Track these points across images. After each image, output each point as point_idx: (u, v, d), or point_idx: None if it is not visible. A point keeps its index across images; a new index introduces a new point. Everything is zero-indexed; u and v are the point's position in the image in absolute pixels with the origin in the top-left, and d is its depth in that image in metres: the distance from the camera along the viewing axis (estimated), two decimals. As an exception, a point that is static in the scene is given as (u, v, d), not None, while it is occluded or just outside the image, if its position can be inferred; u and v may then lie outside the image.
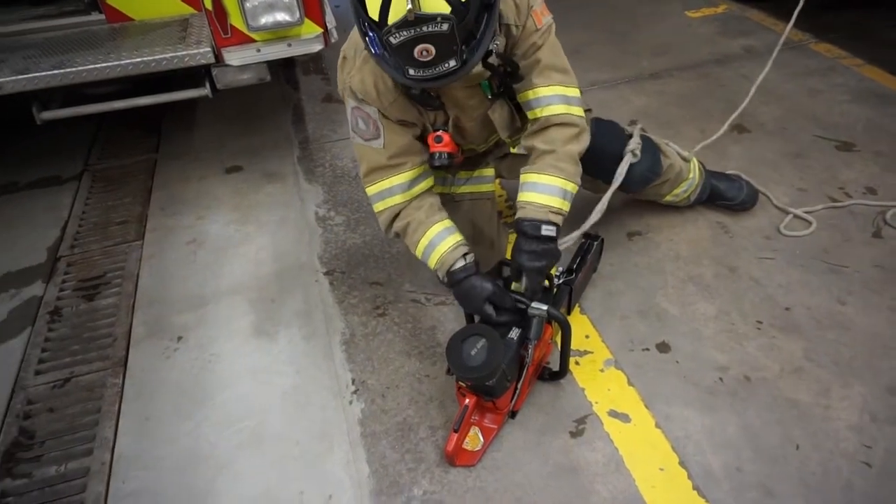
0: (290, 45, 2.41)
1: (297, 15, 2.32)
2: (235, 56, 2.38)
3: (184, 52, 2.27)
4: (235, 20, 2.30)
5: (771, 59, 2.50)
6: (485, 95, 1.71)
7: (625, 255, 2.23)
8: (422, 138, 1.78)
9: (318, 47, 2.45)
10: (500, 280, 1.83)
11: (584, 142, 1.73)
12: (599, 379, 1.85)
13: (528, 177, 1.70)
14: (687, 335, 1.95)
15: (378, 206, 1.78)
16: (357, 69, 1.63)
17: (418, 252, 1.75)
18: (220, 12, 2.28)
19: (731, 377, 1.82)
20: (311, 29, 2.40)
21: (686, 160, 2.18)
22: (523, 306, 1.66)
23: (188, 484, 1.68)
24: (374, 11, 1.32)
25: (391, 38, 1.30)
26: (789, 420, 1.70)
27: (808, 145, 2.72)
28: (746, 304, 2.04)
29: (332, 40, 2.48)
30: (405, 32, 1.29)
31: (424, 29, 1.28)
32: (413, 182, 1.75)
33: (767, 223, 2.33)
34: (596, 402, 1.79)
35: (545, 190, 1.66)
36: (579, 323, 2.01)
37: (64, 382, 1.98)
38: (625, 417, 1.74)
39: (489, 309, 1.66)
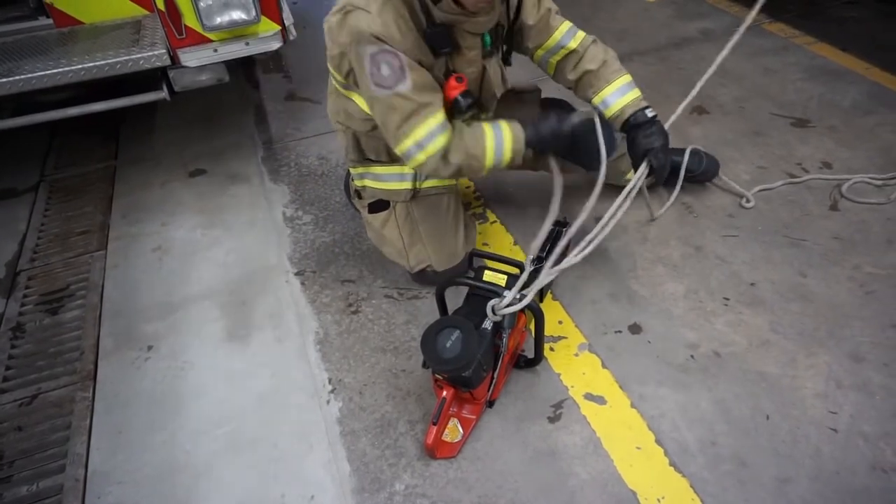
0: (247, 43, 2.37)
1: (254, 13, 2.27)
2: (192, 57, 2.33)
3: (138, 55, 2.21)
4: (190, 20, 2.25)
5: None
6: (482, 48, 1.76)
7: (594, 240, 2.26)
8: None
9: (276, 45, 2.41)
10: (472, 272, 1.84)
11: (607, 46, 1.96)
12: (574, 363, 1.87)
13: (604, 92, 1.88)
14: (657, 315, 1.99)
15: (419, 157, 1.68)
16: (377, 14, 1.57)
17: (489, 162, 1.75)
18: (173, 13, 2.23)
19: (702, 354, 1.86)
20: (268, 27, 2.36)
21: None
22: (497, 298, 1.67)
23: (166, 495, 1.66)
24: None
25: None
26: (759, 392, 1.75)
27: (765, 123, 2.79)
28: (713, 281, 2.08)
29: (291, 37, 2.45)
30: None
31: None
32: (445, 121, 1.68)
33: (730, 201, 2.38)
34: (572, 387, 1.81)
35: (626, 90, 1.88)
36: (552, 309, 2.03)
37: (31, 399, 1.92)
38: (600, 400, 1.77)
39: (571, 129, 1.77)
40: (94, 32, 2.37)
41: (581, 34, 1.91)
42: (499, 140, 1.74)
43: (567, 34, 1.89)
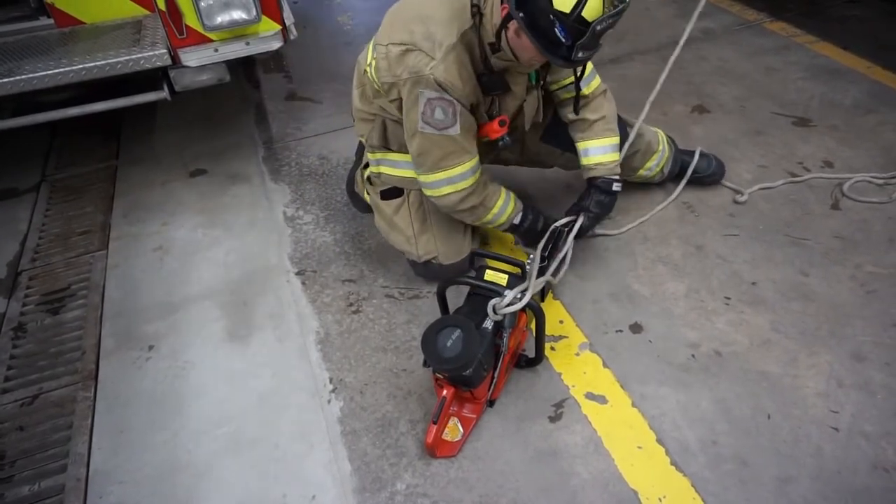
0: (248, 43, 2.37)
1: (254, 12, 2.27)
2: (192, 57, 2.33)
3: (139, 55, 2.21)
4: (190, 20, 2.25)
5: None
6: (528, 83, 1.88)
7: (594, 240, 2.26)
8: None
9: (276, 45, 2.40)
10: (473, 271, 1.84)
11: (612, 99, 2.05)
12: (575, 363, 1.87)
13: (590, 143, 2.00)
14: (658, 315, 1.99)
15: (445, 190, 1.85)
16: (440, 60, 1.66)
17: (489, 216, 1.96)
18: (174, 12, 2.23)
19: (703, 353, 1.86)
20: (268, 26, 2.36)
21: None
22: (498, 297, 1.67)
23: (167, 495, 1.66)
24: (566, 5, 1.48)
25: (598, 26, 1.49)
26: (760, 391, 1.75)
27: (766, 123, 2.78)
28: (714, 281, 2.08)
29: (291, 37, 2.44)
30: (609, 20, 1.50)
31: (620, 8, 1.50)
32: (477, 165, 1.86)
33: (731, 201, 2.38)
34: (573, 386, 1.81)
35: (607, 150, 2.00)
36: (553, 309, 2.03)
37: (32, 399, 1.93)
38: (601, 399, 1.77)
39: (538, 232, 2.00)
40: (94, 32, 2.37)
41: (596, 81, 2.00)
42: (505, 205, 1.97)
43: (586, 79, 1.95)
